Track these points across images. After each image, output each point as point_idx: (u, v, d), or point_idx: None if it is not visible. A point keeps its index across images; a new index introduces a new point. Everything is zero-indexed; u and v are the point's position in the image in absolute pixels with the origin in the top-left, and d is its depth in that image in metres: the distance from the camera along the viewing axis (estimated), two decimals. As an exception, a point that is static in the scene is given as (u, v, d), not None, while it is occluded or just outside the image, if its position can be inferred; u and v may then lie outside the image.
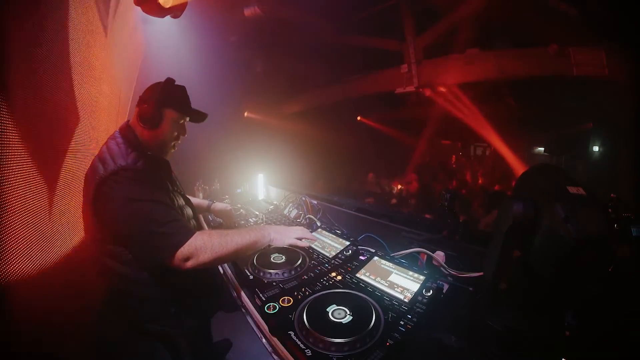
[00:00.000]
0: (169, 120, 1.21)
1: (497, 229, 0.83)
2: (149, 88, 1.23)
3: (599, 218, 0.66)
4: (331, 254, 1.42)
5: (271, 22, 3.85)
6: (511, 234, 0.76)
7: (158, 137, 1.22)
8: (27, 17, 0.97)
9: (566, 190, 0.70)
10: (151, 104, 1.16)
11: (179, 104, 1.24)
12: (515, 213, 0.72)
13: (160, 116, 1.18)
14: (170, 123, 1.22)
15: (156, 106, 1.16)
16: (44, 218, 1.11)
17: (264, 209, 2.28)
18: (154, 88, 1.21)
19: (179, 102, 1.25)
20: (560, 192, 0.71)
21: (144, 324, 1.19)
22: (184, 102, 1.27)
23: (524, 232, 0.73)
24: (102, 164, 1.05)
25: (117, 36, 1.97)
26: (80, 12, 1.38)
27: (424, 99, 5.40)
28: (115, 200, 1.02)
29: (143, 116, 1.16)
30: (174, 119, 1.23)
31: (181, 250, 1.01)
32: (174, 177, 1.39)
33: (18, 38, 0.91)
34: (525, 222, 0.72)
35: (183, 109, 1.26)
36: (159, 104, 1.17)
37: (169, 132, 1.24)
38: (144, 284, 1.12)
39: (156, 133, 1.20)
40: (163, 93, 1.18)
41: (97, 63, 1.62)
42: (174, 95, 1.23)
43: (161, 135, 1.22)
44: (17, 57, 0.92)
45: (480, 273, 1.16)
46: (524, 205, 0.72)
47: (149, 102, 1.17)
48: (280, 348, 0.90)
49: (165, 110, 1.20)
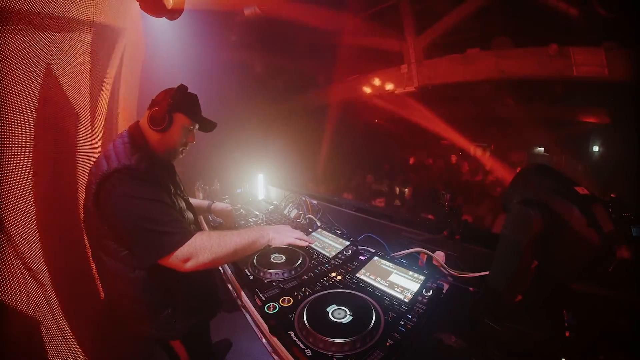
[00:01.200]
0: (179, 125, 1.23)
1: (509, 238, 0.77)
2: (162, 92, 1.24)
3: (609, 216, 0.64)
4: (331, 254, 1.42)
5: (271, 22, 3.85)
6: (531, 245, 0.69)
7: (166, 140, 1.22)
8: (27, 16, 0.97)
9: (576, 192, 0.68)
10: (163, 107, 1.17)
11: (190, 111, 1.26)
12: (536, 223, 0.67)
13: (171, 120, 1.19)
14: (180, 128, 1.24)
15: (168, 110, 1.17)
16: (41, 216, 1.11)
17: (264, 209, 2.28)
18: (167, 92, 1.22)
19: (191, 108, 1.27)
20: (573, 195, 0.68)
21: (138, 325, 1.18)
22: (195, 109, 1.29)
23: (544, 240, 0.68)
24: (106, 161, 1.06)
25: (119, 36, 1.97)
26: (81, 11, 1.38)
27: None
28: (116, 196, 1.02)
29: (154, 118, 1.17)
30: (184, 125, 1.24)
31: (180, 250, 1.01)
32: (177, 180, 1.39)
33: (17, 36, 0.92)
34: (546, 231, 0.67)
35: (194, 116, 1.28)
36: (170, 107, 1.18)
37: (178, 136, 1.25)
38: (138, 284, 1.11)
39: (165, 136, 1.21)
40: (176, 98, 1.20)
41: (97, 62, 1.62)
42: (186, 101, 1.25)
43: (170, 139, 1.23)
44: (16, 57, 0.92)
45: (481, 273, 1.16)
46: (541, 212, 0.67)
47: (161, 105, 1.18)
48: (280, 348, 0.90)
49: (176, 114, 1.21)
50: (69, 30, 1.28)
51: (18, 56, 0.95)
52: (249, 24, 3.78)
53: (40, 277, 1.05)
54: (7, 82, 0.90)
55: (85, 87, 1.47)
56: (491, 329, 0.86)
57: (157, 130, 1.18)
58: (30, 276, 0.99)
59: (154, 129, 1.18)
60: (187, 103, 1.26)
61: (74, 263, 1.29)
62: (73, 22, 1.31)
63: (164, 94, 1.23)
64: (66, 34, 1.27)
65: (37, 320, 1.02)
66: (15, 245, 0.94)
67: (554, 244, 0.68)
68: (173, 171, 1.37)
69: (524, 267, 0.72)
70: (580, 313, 0.77)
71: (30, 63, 1.03)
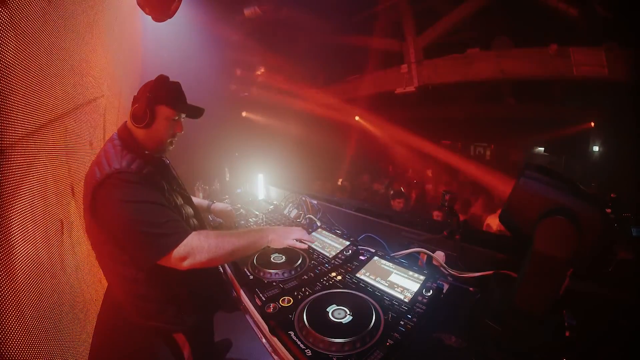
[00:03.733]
0: (162, 117, 1.19)
1: (546, 255, 0.69)
2: (141, 87, 1.21)
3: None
4: (331, 254, 1.42)
5: (271, 22, 3.85)
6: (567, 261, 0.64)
7: (153, 135, 1.20)
8: (27, 14, 0.97)
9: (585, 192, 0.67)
10: (142, 102, 1.14)
11: (171, 101, 1.21)
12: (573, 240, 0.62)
13: (153, 114, 1.16)
14: (164, 120, 1.20)
15: (148, 104, 1.14)
16: (43, 220, 1.11)
17: (264, 209, 2.28)
18: (146, 86, 1.19)
19: (172, 98, 1.22)
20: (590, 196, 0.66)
21: (143, 321, 1.19)
22: (177, 98, 1.24)
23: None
24: (98, 167, 1.06)
25: (117, 35, 1.97)
26: (81, 10, 1.38)
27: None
28: (110, 202, 1.02)
29: (135, 115, 1.15)
30: (167, 116, 1.20)
31: (177, 250, 1.02)
32: (173, 175, 1.38)
33: (16, 35, 0.91)
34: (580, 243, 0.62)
35: (176, 105, 1.23)
36: (150, 101, 1.15)
37: (164, 129, 1.21)
38: (143, 283, 1.13)
39: (150, 132, 1.18)
40: (154, 91, 1.16)
41: (97, 62, 1.62)
42: (166, 92, 1.20)
43: (156, 133, 1.20)
44: (15, 56, 0.92)
45: (481, 273, 1.16)
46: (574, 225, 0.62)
47: (141, 100, 1.15)
48: (280, 348, 0.90)
49: (158, 107, 1.17)
50: (70, 27, 1.28)
51: (18, 56, 0.95)
52: (249, 23, 3.78)
53: (38, 277, 1.05)
54: (7, 82, 0.90)
55: (84, 85, 1.46)
56: (491, 329, 0.87)
57: (141, 127, 1.15)
58: (30, 277, 0.99)
59: (137, 126, 1.15)
60: (168, 94, 1.21)
61: (73, 265, 1.29)
62: (73, 19, 1.31)
63: (143, 88, 1.19)
64: (67, 31, 1.26)
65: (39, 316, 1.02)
66: (14, 246, 0.94)
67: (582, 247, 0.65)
68: (166, 167, 1.35)
69: (563, 283, 0.68)
70: (580, 313, 0.77)
71: (30, 62, 1.03)
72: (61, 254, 1.17)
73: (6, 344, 0.75)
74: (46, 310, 1.00)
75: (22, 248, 0.89)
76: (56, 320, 1.06)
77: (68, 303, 1.18)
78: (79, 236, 1.35)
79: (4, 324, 0.76)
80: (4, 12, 0.80)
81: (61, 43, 1.21)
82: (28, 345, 0.84)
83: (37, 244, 0.98)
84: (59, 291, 1.11)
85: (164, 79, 1.21)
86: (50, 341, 0.99)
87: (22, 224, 0.89)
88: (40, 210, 1.03)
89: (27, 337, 0.85)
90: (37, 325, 0.92)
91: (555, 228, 0.66)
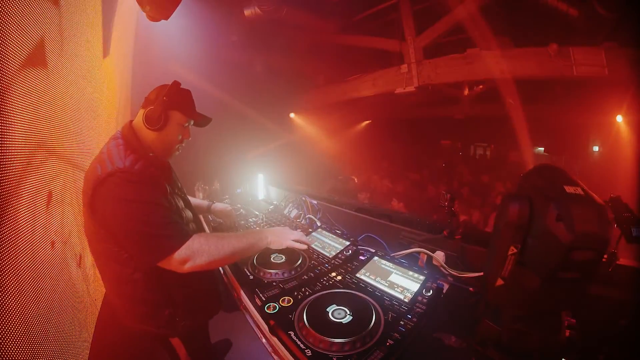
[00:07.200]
0: (174, 122, 1.22)
1: (496, 227, 0.83)
2: (155, 89, 1.23)
3: (594, 217, 0.65)
4: (331, 254, 1.42)
5: (271, 22, 3.85)
6: (508, 232, 0.76)
7: (163, 139, 1.22)
8: (26, 14, 0.97)
9: (563, 190, 0.70)
10: (158, 105, 1.16)
11: (185, 107, 1.25)
12: (511, 212, 0.73)
13: (167, 118, 1.18)
14: (176, 125, 1.23)
15: (163, 108, 1.16)
16: (42, 219, 1.11)
17: (264, 209, 2.28)
18: (161, 90, 1.21)
19: (185, 105, 1.25)
20: (556, 192, 0.70)
21: (137, 325, 1.19)
22: (190, 105, 1.28)
23: (520, 231, 0.74)
24: (100, 165, 1.05)
25: (116, 34, 1.97)
26: (82, 9, 1.38)
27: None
28: (111, 201, 1.02)
29: (150, 117, 1.16)
30: (179, 122, 1.23)
31: (178, 253, 1.02)
32: (174, 178, 1.38)
33: (15, 35, 0.91)
34: (522, 221, 0.73)
35: (189, 112, 1.26)
36: (165, 105, 1.17)
37: (174, 134, 1.24)
38: (139, 284, 1.12)
39: (161, 135, 1.20)
40: (170, 95, 1.18)
41: (96, 61, 1.62)
42: (180, 98, 1.23)
43: (166, 137, 1.22)
44: (15, 56, 0.92)
45: (481, 273, 1.16)
46: (520, 204, 0.73)
47: (156, 103, 1.17)
48: (280, 348, 0.90)
49: (172, 112, 1.20)
50: (69, 27, 1.28)
51: (18, 56, 0.95)
52: (249, 23, 3.77)
53: (38, 276, 1.05)
54: (7, 82, 0.90)
55: (84, 85, 1.46)
56: (491, 329, 0.87)
57: (153, 130, 1.17)
58: (26, 276, 0.99)
59: (150, 128, 1.16)
60: (182, 100, 1.24)
61: (71, 264, 1.29)
62: (73, 18, 1.31)
63: (158, 91, 1.21)
64: (66, 30, 1.26)
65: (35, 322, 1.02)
66: (13, 246, 0.94)
67: (531, 237, 0.73)
68: (169, 169, 1.36)
69: (501, 248, 0.77)
70: (580, 313, 0.77)
71: (29, 62, 1.03)
72: (62, 254, 1.17)
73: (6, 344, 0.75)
74: (46, 311, 1.00)
75: (22, 248, 0.89)
76: (56, 322, 1.06)
77: (69, 304, 1.18)
78: (80, 236, 1.35)
79: (5, 324, 0.76)
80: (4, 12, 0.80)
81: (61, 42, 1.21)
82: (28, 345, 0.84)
83: (38, 244, 0.98)
84: (59, 292, 1.11)
85: (178, 85, 1.23)
86: (51, 342, 0.99)
87: (22, 224, 0.90)
88: (41, 210, 1.03)
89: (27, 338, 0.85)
90: (37, 325, 0.92)
91: (502, 205, 0.79)
